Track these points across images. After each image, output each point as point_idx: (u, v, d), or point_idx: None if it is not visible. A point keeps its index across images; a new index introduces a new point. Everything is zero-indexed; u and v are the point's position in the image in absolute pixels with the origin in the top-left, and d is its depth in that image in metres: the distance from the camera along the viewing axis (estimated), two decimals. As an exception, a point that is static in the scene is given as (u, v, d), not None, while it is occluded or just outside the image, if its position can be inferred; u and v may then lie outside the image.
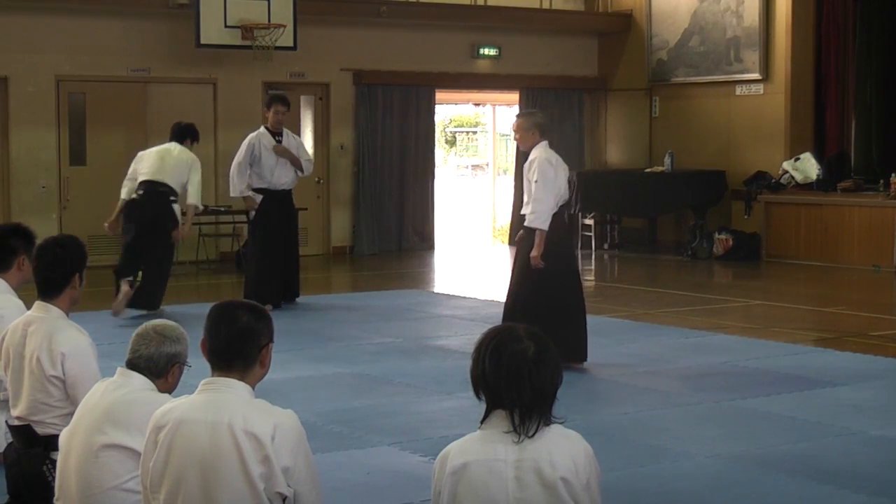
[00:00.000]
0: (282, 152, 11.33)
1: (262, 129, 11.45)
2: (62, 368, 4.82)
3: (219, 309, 3.64)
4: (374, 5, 16.35)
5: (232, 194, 11.55)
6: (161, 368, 4.15)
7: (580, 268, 8.76)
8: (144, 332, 4.19)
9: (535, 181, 8.09)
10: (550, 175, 8.12)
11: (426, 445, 6.30)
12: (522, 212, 8.34)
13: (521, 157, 8.68)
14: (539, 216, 8.11)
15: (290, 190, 11.60)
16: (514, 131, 8.39)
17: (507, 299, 8.53)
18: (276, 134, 11.39)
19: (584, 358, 8.39)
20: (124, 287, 10.77)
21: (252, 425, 3.46)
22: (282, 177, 11.38)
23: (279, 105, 11.41)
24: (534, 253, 8.14)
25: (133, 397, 4.07)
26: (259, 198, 11.30)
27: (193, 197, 11.05)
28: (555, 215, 8.25)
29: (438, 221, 18.10)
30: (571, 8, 18.54)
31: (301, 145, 11.85)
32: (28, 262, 5.61)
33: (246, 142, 11.35)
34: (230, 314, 3.60)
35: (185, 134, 11.30)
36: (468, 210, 23.34)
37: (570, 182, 8.66)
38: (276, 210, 11.35)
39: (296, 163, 11.45)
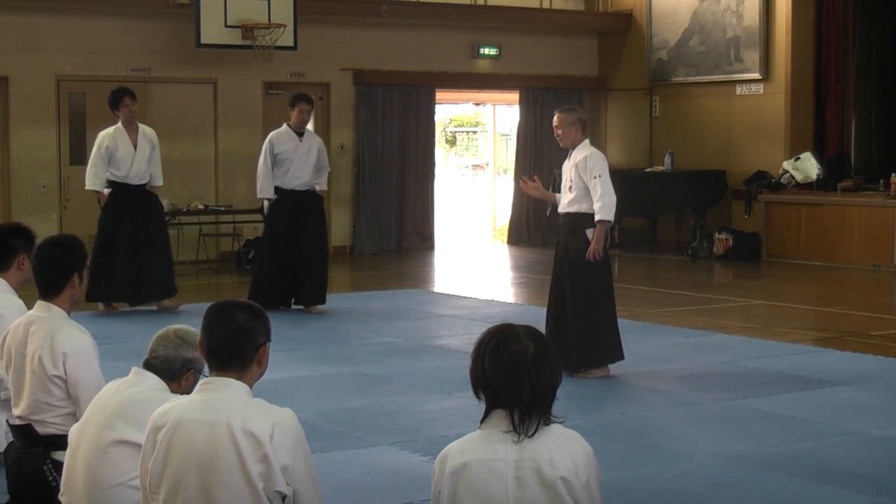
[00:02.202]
0: None
1: (283, 126, 11.20)
2: (64, 368, 4.82)
3: (215, 309, 3.64)
4: (374, 5, 16.35)
5: (258, 196, 11.36)
6: (176, 371, 4.16)
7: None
8: (165, 334, 4.21)
9: (599, 176, 8.10)
10: (608, 171, 8.18)
11: (426, 445, 6.30)
12: (570, 209, 8.23)
13: (553, 155, 8.55)
14: (610, 209, 8.14)
15: (309, 190, 11.22)
16: (556, 127, 8.21)
17: (557, 305, 8.35)
18: (298, 133, 11.13)
19: (622, 357, 8.38)
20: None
21: (250, 424, 3.46)
22: (297, 177, 11.09)
23: (304, 104, 11.14)
24: (597, 246, 8.12)
25: (145, 395, 4.07)
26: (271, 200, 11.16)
27: None
28: None
29: (438, 221, 18.10)
30: (571, 8, 18.55)
31: (322, 149, 11.46)
32: (28, 261, 5.61)
33: (266, 143, 11.17)
34: (227, 314, 3.60)
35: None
36: (468, 210, 23.34)
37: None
38: (289, 210, 11.08)
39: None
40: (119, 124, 11.14)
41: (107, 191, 11.03)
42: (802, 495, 5.56)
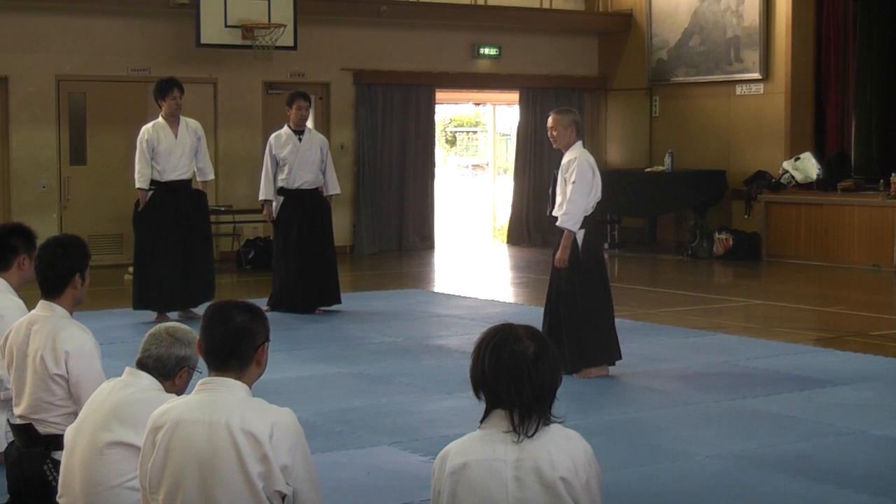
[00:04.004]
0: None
1: (283, 127, 11.11)
2: (66, 367, 4.83)
3: (214, 309, 3.65)
4: (374, 5, 16.35)
5: (259, 198, 11.29)
6: (169, 370, 4.16)
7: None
8: (157, 332, 4.21)
9: (573, 182, 7.98)
10: (589, 179, 8.02)
11: (426, 445, 6.30)
12: (555, 213, 8.21)
13: (553, 156, 8.43)
14: (571, 217, 8.01)
15: (315, 189, 11.16)
16: (551, 128, 8.13)
17: (551, 304, 8.36)
18: (298, 132, 11.02)
19: (619, 357, 8.36)
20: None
21: (250, 424, 3.46)
22: (301, 176, 11.01)
23: (301, 101, 11.01)
24: (560, 255, 8.11)
25: (140, 396, 4.08)
26: (278, 202, 11.03)
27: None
28: (592, 216, 8.20)
29: (438, 221, 18.10)
30: (571, 8, 18.55)
31: (325, 148, 11.25)
32: (28, 261, 5.62)
33: (267, 145, 11.10)
34: (225, 314, 3.61)
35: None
36: (468, 210, 23.34)
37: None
38: (297, 210, 11.00)
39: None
40: (160, 117, 10.63)
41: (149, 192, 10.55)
42: (802, 495, 5.56)
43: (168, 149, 10.50)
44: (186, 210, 10.64)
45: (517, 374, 3.24)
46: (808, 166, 15.65)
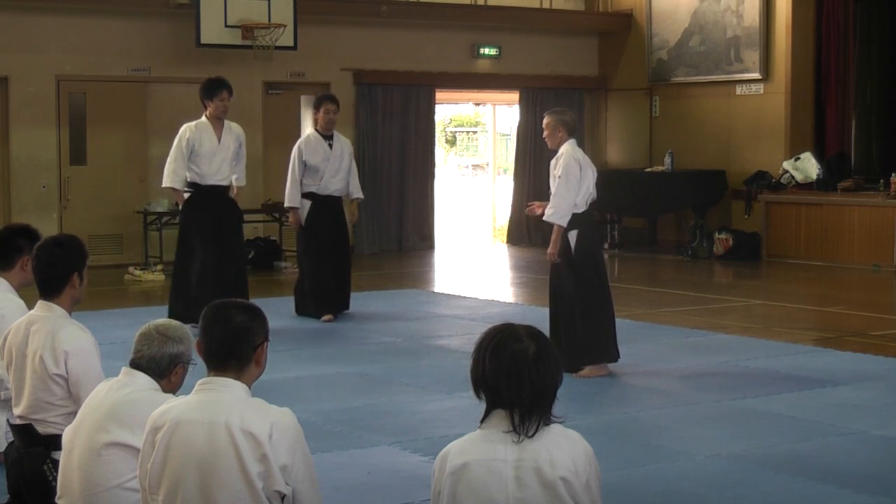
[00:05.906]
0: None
1: (310, 131, 10.90)
2: (65, 367, 4.83)
3: (213, 309, 3.65)
4: (374, 5, 16.35)
5: (285, 204, 10.96)
6: (164, 369, 4.15)
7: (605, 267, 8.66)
8: (147, 331, 4.18)
9: (559, 176, 8.08)
10: (575, 173, 8.08)
11: (426, 445, 6.30)
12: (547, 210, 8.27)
13: (550, 154, 8.50)
14: (557, 212, 8.09)
15: (341, 197, 10.94)
16: (544, 129, 8.31)
17: (551, 304, 8.42)
18: (326, 137, 10.68)
19: (617, 356, 8.38)
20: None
21: (249, 424, 3.46)
22: (333, 183, 10.72)
23: (329, 104, 10.70)
24: (550, 249, 8.19)
25: (137, 396, 4.07)
26: (304, 207, 10.69)
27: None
28: (586, 214, 8.23)
29: (438, 221, 18.10)
30: (571, 8, 18.55)
31: (351, 153, 10.99)
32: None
33: (294, 149, 10.69)
34: (224, 314, 3.61)
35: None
36: (468, 210, 23.34)
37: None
38: (324, 216, 10.71)
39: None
40: (203, 118, 10.19)
41: (186, 193, 10.07)
42: (802, 495, 5.56)
43: (210, 152, 10.02)
44: (224, 218, 10.14)
45: (517, 373, 3.24)
46: (808, 166, 15.65)
